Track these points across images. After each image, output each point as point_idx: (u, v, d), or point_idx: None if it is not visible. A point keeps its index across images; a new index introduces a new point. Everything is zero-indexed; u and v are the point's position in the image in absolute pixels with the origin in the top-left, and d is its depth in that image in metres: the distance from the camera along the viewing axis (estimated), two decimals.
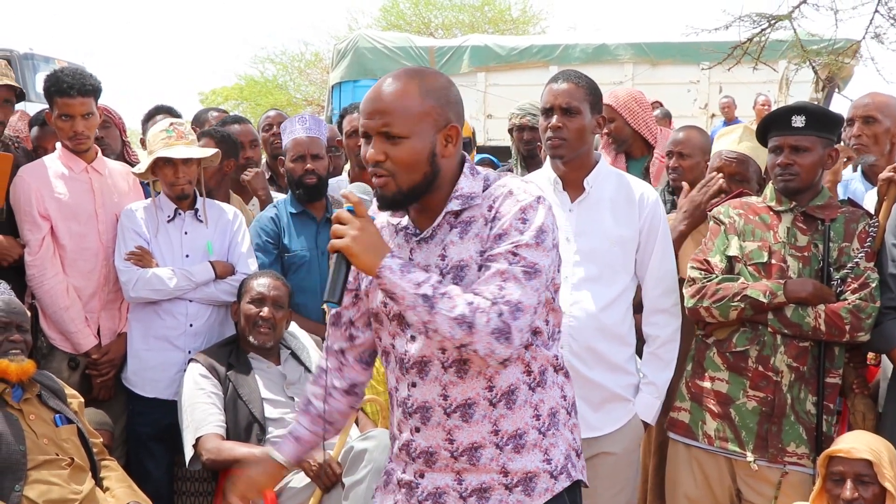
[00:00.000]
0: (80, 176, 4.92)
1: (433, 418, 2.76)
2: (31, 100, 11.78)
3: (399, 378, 2.82)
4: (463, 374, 2.73)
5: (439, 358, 2.73)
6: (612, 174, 4.12)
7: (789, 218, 4.03)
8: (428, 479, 2.80)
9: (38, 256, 4.80)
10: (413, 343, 2.76)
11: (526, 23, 31.11)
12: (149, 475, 4.83)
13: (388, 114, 2.65)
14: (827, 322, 3.84)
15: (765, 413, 3.93)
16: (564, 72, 4.13)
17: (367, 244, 2.59)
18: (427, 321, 2.55)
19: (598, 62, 15.34)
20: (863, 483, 3.59)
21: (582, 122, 3.96)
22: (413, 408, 2.78)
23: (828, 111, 4.20)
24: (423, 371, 2.75)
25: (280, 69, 32.38)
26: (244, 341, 4.78)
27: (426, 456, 2.79)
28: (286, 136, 5.32)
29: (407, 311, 2.57)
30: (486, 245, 2.67)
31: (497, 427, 2.76)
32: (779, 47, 8.42)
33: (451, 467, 2.77)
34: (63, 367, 4.86)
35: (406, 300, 2.55)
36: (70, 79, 4.79)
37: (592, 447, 3.95)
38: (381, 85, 2.70)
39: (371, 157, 2.67)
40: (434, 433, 2.77)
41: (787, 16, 7.47)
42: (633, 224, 4.02)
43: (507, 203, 2.69)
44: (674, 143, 5.13)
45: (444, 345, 2.63)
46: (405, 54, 16.17)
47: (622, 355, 4.04)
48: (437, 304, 2.54)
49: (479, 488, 2.77)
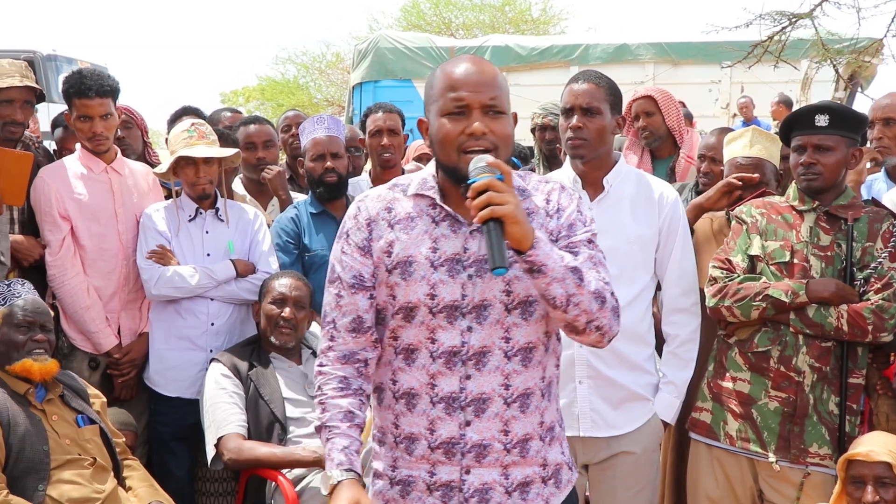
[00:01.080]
0: (99, 176, 4.94)
1: (490, 409, 2.71)
2: (54, 101, 11.83)
3: (440, 374, 2.73)
4: (527, 363, 2.73)
5: (502, 348, 2.71)
6: (631, 173, 4.11)
7: (812, 217, 4.01)
8: (475, 475, 2.74)
9: (59, 257, 4.83)
10: (471, 334, 2.70)
11: (546, 23, 31.06)
12: (171, 475, 4.85)
13: (494, 87, 2.68)
14: (849, 322, 3.82)
15: (787, 413, 3.91)
16: (585, 72, 4.11)
17: (523, 213, 2.52)
18: (573, 294, 2.55)
19: (619, 62, 15.30)
20: (883, 485, 3.59)
21: (602, 122, 3.95)
22: (466, 400, 2.71)
23: (852, 110, 4.18)
24: (482, 362, 2.70)
25: (301, 70, 32.46)
26: (266, 341, 4.79)
27: (478, 450, 2.73)
28: (305, 137, 5.32)
29: (553, 283, 2.54)
30: (557, 234, 2.72)
31: (542, 419, 2.79)
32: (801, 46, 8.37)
33: (500, 461, 2.74)
34: (84, 367, 4.88)
35: (556, 272, 2.53)
36: (88, 80, 4.81)
37: (612, 447, 3.95)
38: (472, 63, 2.72)
39: (479, 130, 2.64)
40: (489, 425, 2.72)
41: (808, 14, 7.43)
42: (653, 223, 4.01)
43: (563, 197, 2.79)
44: (706, 147, 5.12)
45: (577, 320, 2.60)
46: (426, 55, 16.16)
47: (642, 354, 4.02)
48: (584, 276, 2.57)
49: (522, 482, 2.76)
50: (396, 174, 5.91)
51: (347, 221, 2.85)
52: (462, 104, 2.66)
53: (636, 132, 6.09)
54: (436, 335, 2.73)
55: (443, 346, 2.72)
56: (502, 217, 2.47)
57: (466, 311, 2.70)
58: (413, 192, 2.79)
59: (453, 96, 2.67)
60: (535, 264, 2.52)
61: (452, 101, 2.67)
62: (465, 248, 2.71)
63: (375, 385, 2.88)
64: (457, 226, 2.73)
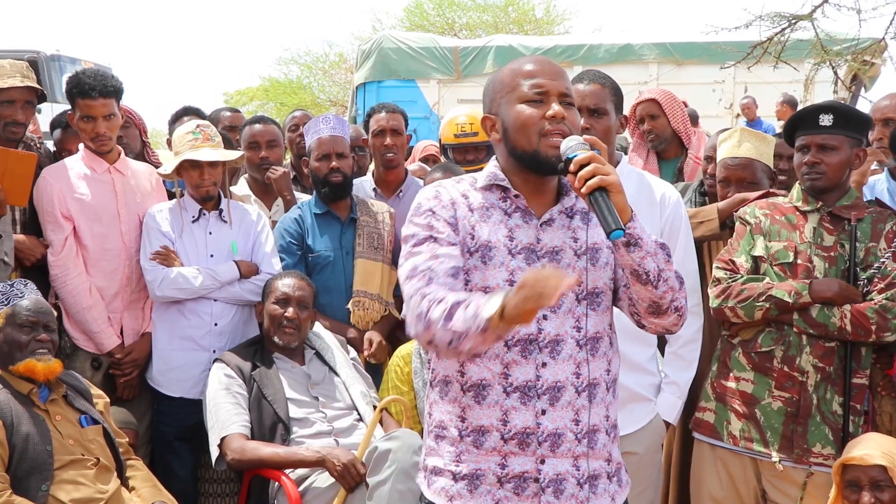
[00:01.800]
0: (102, 177, 4.93)
1: (564, 397, 2.73)
2: (57, 101, 11.85)
3: (514, 362, 2.72)
4: (595, 353, 2.78)
5: (574, 337, 2.74)
6: (633, 174, 4.09)
7: (816, 218, 4.01)
8: (549, 464, 2.74)
9: (61, 257, 4.83)
10: (546, 322, 2.73)
11: (550, 23, 31.06)
12: (174, 475, 4.84)
13: (568, 81, 2.82)
14: (853, 322, 3.82)
15: (790, 413, 3.91)
16: (588, 72, 4.11)
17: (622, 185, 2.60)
18: (663, 269, 2.66)
19: (623, 62, 15.32)
20: (879, 488, 3.59)
21: (608, 122, 3.95)
22: (542, 388, 2.72)
23: (856, 110, 4.19)
24: (556, 350, 2.73)
25: (304, 70, 32.48)
26: (269, 341, 4.79)
27: (553, 439, 2.73)
28: (310, 137, 5.32)
29: (647, 257, 2.63)
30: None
31: (608, 413, 2.84)
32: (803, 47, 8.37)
33: (572, 451, 2.75)
34: (86, 367, 4.87)
35: (649, 246, 2.63)
36: (91, 80, 4.81)
37: None
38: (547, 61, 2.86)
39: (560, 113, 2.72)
40: (563, 413, 2.74)
41: (808, 16, 7.43)
42: (655, 225, 3.99)
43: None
44: (712, 147, 5.12)
45: (664, 296, 2.68)
46: (429, 55, 16.18)
47: (643, 355, 4.01)
48: (670, 255, 2.71)
49: (592, 475, 2.78)
50: (399, 174, 5.92)
51: (428, 202, 2.80)
52: (542, 90, 2.74)
53: (641, 135, 6.10)
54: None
55: (518, 333, 2.72)
56: (609, 186, 2.54)
57: None
58: (482, 185, 2.82)
59: (532, 83, 2.75)
60: (633, 237, 2.61)
61: (532, 88, 2.75)
62: (539, 238, 2.76)
63: (439, 379, 2.85)
64: (528, 217, 2.78)
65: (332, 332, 5.02)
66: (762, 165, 4.53)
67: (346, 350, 4.96)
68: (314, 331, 4.94)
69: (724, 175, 4.55)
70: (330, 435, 4.53)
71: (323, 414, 4.61)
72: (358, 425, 4.63)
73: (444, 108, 15.74)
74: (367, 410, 4.65)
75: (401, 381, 4.77)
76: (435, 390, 2.88)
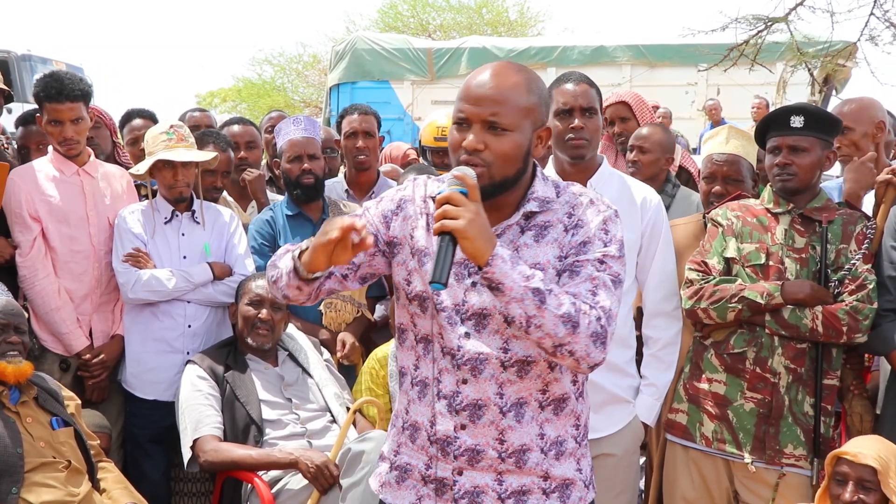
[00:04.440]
0: (71, 179, 4.90)
1: (486, 416, 2.70)
2: (28, 101, 11.76)
3: (444, 370, 2.73)
4: (523, 375, 2.69)
5: (499, 358, 2.67)
6: (614, 176, 4.11)
7: (787, 220, 4.03)
8: (467, 476, 2.73)
9: (29, 258, 4.79)
10: (468, 340, 2.69)
11: (524, 25, 31.12)
12: (146, 477, 4.83)
13: (499, 104, 2.61)
14: (824, 323, 3.84)
15: (762, 415, 3.93)
16: (573, 73, 4.12)
17: (480, 228, 2.42)
18: (533, 316, 2.45)
19: (596, 64, 15.36)
20: (865, 488, 3.58)
21: (598, 122, 3.99)
22: (462, 405, 2.70)
23: (827, 112, 4.20)
24: (478, 369, 2.68)
25: (278, 71, 32.41)
26: (242, 343, 4.78)
27: (471, 454, 2.71)
28: (281, 138, 5.31)
29: (512, 303, 2.45)
30: (567, 251, 2.66)
31: (542, 431, 2.74)
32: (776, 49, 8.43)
33: (494, 468, 2.72)
34: (54, 369, 4.83)
35: (514, 292, 2.44)
36: (58, 84, 4.76)
37: (592, 449, 3.94)
38: (490, 74, 2.65)
39: (471, 145, 2.60)
40: (484, 431, 2.70)
41: (784, 18, 7.49)
42: (636, 227, 4.00)
43: (589, 212, 2.70)
44: (636, 137, 5.25)
45: (542, 342, 2.50)
46: (403, 56, 16.20)
47: (623, 357, 4.02)
48: (547, 299, 2.45)
49: (518, 490, 2.73)
50: (371, 176, 5.93)
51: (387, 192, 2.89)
52: (462, 116, 2.65)
53: (610, 137, 6.13)
54: (443, 332, 2.73)
55: (447, 344, 2.72)
56: (452, 232, 2.41)
57: (465, 316, 2.69)
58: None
59: (457, 107, 2.67)
60: (492, 281, 2.46)
61: (456, 112, 2.67)
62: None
63: (400, 368, 2.89)
64: None
65: (305, 334, 5.01)
66: (747, 164, 4.55)
67: (320, 351, 4.95)
68: (287, 332, 4.94)
69: (710, 171, 4.56)
70: (303, 437, 4.52)
71: (296, 415, 4.60)
72: (331, 427, 4.62)
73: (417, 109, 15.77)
74: (341, 412, 4.64)
75: (376, 385, 4.77)
76: (399, 380, 2.93)
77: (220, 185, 5.47)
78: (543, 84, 2.75)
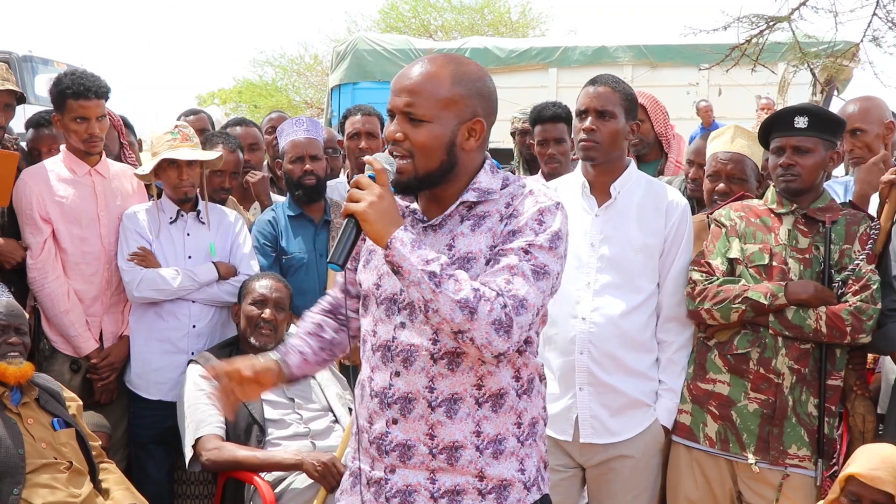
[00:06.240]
0: (82, 179, 4.91)
1: (416, 410, 2.68)
2: (30, 102, 11.74)
3: (377, 367, 2.73)
4: (454, 368, 2.67)
5: (429, 349, 2.66)
6: (642, 179, 4.10)
7: (790, 220, 4.03)
8: (399, 475, 2.71)
9: (40, 260, 4.80)
10: (403, 330, 2.69)
11: (525, 25, 31.13)
12: (149, 477, 4.84)
13: (414, 94, 2.63)
14: (828, 324, 3.83)
15: (766, 415, 3.92)
16: (602, 75, 4.12)
17: (382, 212, 2.51)
18: (429, 300, 2.47)
19: (598, 64, 15.31)
20: None
21: (616, 126, 3.96)
22: (393, 398, 2.69)
23: (831, 113, 4.19)
24: (409, 360, 2.68)
25: (279, 72, 32.42)
26: (245, 342, 4.77)
27: (402, 450, 2.70)
28: (283, 139, 5.32)
29: (410, 286, 2.49)
30: (498, 240, 2.64)
31: (479, 428, 2.70)
32: (778, 49, 8.41)
33: (426, 465, 2.69)
34: (65, 370, 4.85)
35: (412, 275, 2.47)
36: (86, 81, 4.79)
37: (610, 451, 3.96)
38: (414, 65, 2.70)
39: (390, 135, 2.65)
40: (415, 426, 2.68)
41: (786, 17, 7.46)
42: (659, 232, 4.01)
43: (526, 202, 2.67)
44: (695, 152, 5.14)
45: (441, 327, 2.52)
46: (404, 56, 16.18)
47: (644, 362, 4.02)
48: (443, 283, 2.46)
49: (451, 490, 2.70)
50: None
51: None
52: (388, 108, 2.70)
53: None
54: (377, 328, 2.75)
55: (380, 339, 2.73)
56: (354, 214, 2.52)
57: (402, 306, 2.70)
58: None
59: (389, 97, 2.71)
60: (392, 265, 2.51)
61: (388, 102, 2.71)
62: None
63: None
64: (416, 221, 2.75)
65: None
66: (752, 164, 4.54)
67: None
68: (290, 332, 4.93)
69: (715, 169, 4.55)
70: (307, 437, 4.52)
71: (299, 415, 4.60)
72: (334, 427, 4.62)
73: None
74: (343, 412, 4.64)
75: None
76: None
77: (228, 186, 5.46)
78: (481, 77, 2.73)
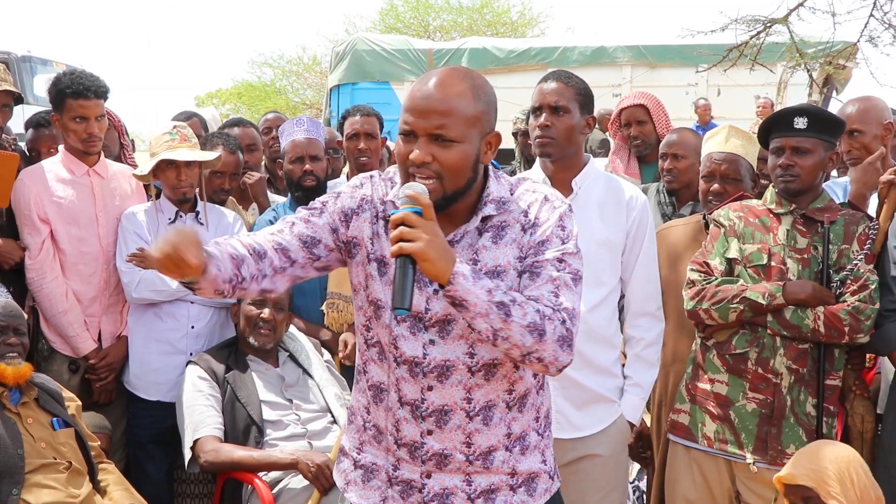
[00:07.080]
0: (81, 179, 4.90)
1: (452, 421, 2.70)
2: (28, 102, 11.76)
3: (404, 379, 2.70)
4: (490, 377, 2.69)
5: (466, 363, 2.67)
6: (600, 176, 4.10)
7: (789, 220, 4.03)
8: (435, 479, 2.74)
9: (38, 260, 4.79)
10: (433, 347, 2.67)
11: (524, 25, 31.13)
12: (148, 478, 4.83)
13: (446, 116, 2.56)
14: (826, 324, 3.84)
15: (764, 415, 3.93)
16: (555, 72, 4.12)
17: (439, 249, 2.40)
18: (499, 329, 2.45)
19: (597, 64, 15.37)
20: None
21: (570, 121, 3.95)
22: (427, 411, 2.70)
23: (830, 114, 4.19)
24: (445, 375, 2.67)
25: (278, 73, 32.42)
26: (244, 342, 4.78)
27: (439, 458, 2.72)
28: (284, 139, 5.31)
29: (477, 318, 2.44)
30: (527, 251, 2.64)
31: (510, 430, 2.76)
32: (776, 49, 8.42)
33: (462, 469, 2.73)
34: (64, 370, 4.85)
35: (478, 307, 2.43)
36: (86, 81, 4.79)
37: (578, 449, 3.94)
38: (435, 83, 2.60)
39: (419, 159, 2.55)
40: (451, 436, 2.71)
41: (784, 19, 7.47)
42: (621, 227, 4.00)
43: (544, 210, 2.68)
44: (668, 144, 5.17)
45: (510, 353, 2.51)
46: (403, 57, 16.19)
47: (608, 357, 4.01)
48: (512, 311, 2.45)
49: (487, 489, 2.75)
50: None
51: (345, 188, 2.81)
52: (407, 129, 2.60)
53: (624, 138, 6.11)
54: (398, 343, 2.71)
55: (404, 354, 2.70)
56: (411, 254, 2.39)
57: (429, 324, 2.68)
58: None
59: (403, 118, 2.62)
60: (455, 299, 2.44)
61: (402, 123, 2.62)
62: None
63: (357, 367, 2.89)
64: None
65: (307, 335, 5.01)
66: (746, 164, 4.53)
67: (320, 352, 4.95)
68: (288, 333, 4.94)
69: (709, 169, 4.55)
70: (304, 437, 4.52)
71: (297, 416, 4.60)
72: (332, 427, 4.62)
73: None
74: (342, 413, 4.64)
75: None
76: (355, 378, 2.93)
77: (228, 187, 5.45)
78: (491, 88, 2.71)
